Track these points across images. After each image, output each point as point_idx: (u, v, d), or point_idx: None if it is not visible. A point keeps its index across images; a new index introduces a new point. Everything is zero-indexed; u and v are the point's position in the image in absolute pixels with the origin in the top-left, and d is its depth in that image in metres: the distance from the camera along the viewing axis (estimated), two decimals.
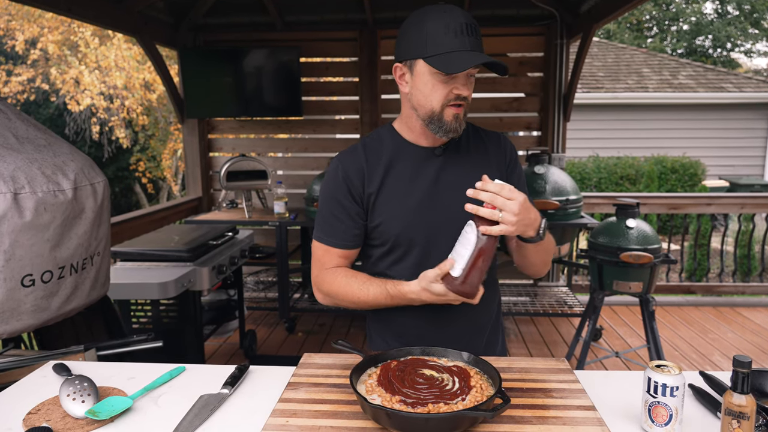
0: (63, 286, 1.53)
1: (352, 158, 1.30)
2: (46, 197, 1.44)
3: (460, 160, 1.30)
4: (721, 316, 4.17)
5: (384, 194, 1.27)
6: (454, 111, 1.20)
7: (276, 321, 4.15)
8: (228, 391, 1.09)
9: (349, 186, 1.28)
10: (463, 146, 1.32)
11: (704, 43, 19.25)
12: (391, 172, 1.28)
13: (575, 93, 4.17)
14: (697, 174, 8.49)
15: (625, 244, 2.82)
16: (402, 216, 1.26)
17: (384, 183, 1.27)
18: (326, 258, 1.32)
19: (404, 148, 1.30)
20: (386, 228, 1.28)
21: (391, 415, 0.85)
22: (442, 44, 1.14)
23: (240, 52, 4.19)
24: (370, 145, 1.32)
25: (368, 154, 1.30)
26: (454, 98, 1.18)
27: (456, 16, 1.16)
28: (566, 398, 1.01)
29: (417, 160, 1.29)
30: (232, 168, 3.85)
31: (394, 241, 1.28)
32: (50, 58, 9.02)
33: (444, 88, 1.18)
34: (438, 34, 1.15)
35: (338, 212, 1.29)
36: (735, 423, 0.84)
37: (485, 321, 1.37)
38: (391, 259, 1.31)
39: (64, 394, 1.03)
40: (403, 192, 1.27)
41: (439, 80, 1.17)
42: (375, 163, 1.29)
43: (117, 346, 1.77)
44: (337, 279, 1.29)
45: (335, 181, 1.30)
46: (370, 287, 1.24)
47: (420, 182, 1.27)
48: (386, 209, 1.27)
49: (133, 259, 2.58)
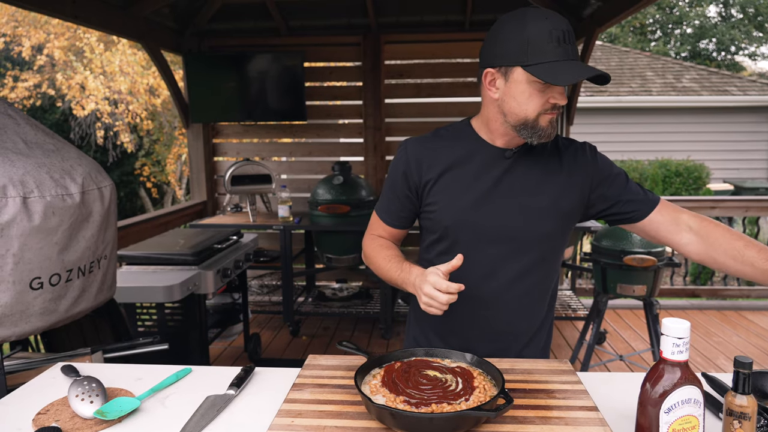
0: (71, 289, 1.55)
1: (417, 145, 1.32)
2: (54, 201, 1.46)
3: (529, 165, 1.28)
4: (726, 319, 4.16)
5: (442, 182, 1.28)
6: (549, 117, 1.18)
7: (280, 324, 4.17)
8: (234, 392, 1.10)
9: (407, 171, 1.31)
10: (536, 151, 1.29)
11: (708, 46, 19.23)
12: (456, 164, 1.28)
13: (578, 97, 4.18)
14: (701, 177, 8.48)
15: (629, 247, 2.82)
16: (457, 207, 1.27)
17: (445, 172, 1.28)
18: (375, 226, 1.42)
19: (476, 144, 1.29)
20: (438, 215, 1.29)
21: (396, 415, 0.86)
22: (546, 53, 1.10)
23: (244, 57, 4.22)
24: (442, 135, 1.33)
25: (435, 143, 1.31)
26: (551, 107, 1.17)
27: (557, 23, 1.12)
28: (569, 399, 1.02)
29: (486, 158, 1.28)
30: (237, 172, 3.88)
31: (442, 232, 1.30)
32: (56, 64, 9.09)
33: (541, 97, 1.15)
34: (541, 42, 1.11)
35: (392, 192, 1.35)
36: (736, 423, 0.84)
37: (524, 328, 1.35)
38: (439, 249, 1.33)
39: (72, 394, 1.04)
40: (463, 186, 1.27)
41: (537, 89, 1.14)
42: (439, 153, 1.29)
43: (123, 348, 1.79)
44: (374, 244, 1.38)
45: (396, 164, 1.34)
46: (391, 261, 1.28)
47: (482, 180, 1.26)
48: (442, 197, 1.28)
49: (138, 262, 2.60)
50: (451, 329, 1.34)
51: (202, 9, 4.16)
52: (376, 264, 1.35)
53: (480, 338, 1.32)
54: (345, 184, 3.61)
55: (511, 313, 1.31)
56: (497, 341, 1.32)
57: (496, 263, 1.27)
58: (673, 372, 0.82)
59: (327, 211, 3.56)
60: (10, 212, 1.30)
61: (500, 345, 1.31)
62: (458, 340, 1.33)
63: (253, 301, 4.22)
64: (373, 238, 1.41)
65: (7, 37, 9.09)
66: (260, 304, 4.21)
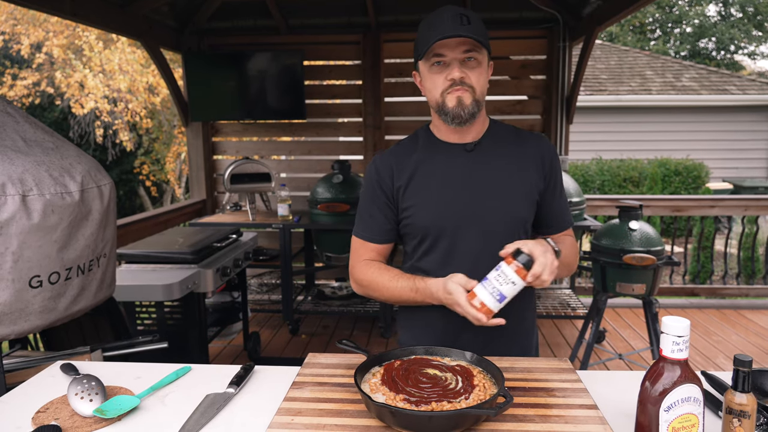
0: (70, 287, 1.55)
1: (383, 157, 1.39)
2: (53, 199, 1.46)
3: (493, 155, 1.32)
4: (725, 318, 4.16)
5: (413, 187, 1.32)
6: (456, 95, 1.24)
7: (280, 323, 4.17)
8: (234, 390, 1.10)
9: (380, 181, 1.35)
10: (498, 143, 1.34)
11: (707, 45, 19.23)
12: (422, 167, 1.33)
13: (578, 95, 4.18)
14: (700, 176, 8.48)
15: (628, 246, 2.82)
16: (430, 206, 1.30)
17: (413, 176, 1.33)
18: (361, 250, 1.41)
19: (436, 144, 1.36)
20: (415, 219, 1.32)
21: (396, 413, 0.86)
22: (428, 40, 1.21)
23: (244, 56, 4.22)
24: (404, 143, 1.40)
25: (399, 152, 1.38)
26: (450, 84, 1.23)
27: (440, 12, 1.22)
28: (568, 397, 1.02)
29: (448, 155, 1.33)
30: (236, 171, 3.87)
31: (423, 232, 1.32)
32: (55, 62, 9.08)
33: (439, 77, 1.25)
34: (422, 33, 1.24)
35: (371, 208, 1.38)
36: (736, 422, 0.84)
37: (516, 328, 1.36)
38: (422, 250, 1.35)
39: (72, 392, 1.04)
40: (433, 185, 1.31)
41: (435, 72, 1.25)
42: (405, 159, 1.35)
43: (123, 347, 1.79)
44: (369, 270, 1.36)
45: (368, 180, 1.39)
46: (399, 280, 1.30)
47: (450, 176, 1.31)
48: (415, 200, 1.32)
49: (137, 261, 2.60)
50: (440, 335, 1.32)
51: (202, 7, 4.16)
52: (381, 288, 1.33)
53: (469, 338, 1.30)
54: (344, 182, 3.61)
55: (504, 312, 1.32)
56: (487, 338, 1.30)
57: (479, 254, 1.27)
58: (673, 370, 0.83)
59: (326, 209, 3.56)
60: (9, 210, 1.30)
61: (488, 339, 1.29)
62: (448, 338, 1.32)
63: (253, 300, 4.22)
64: (365, 264, 1.38)
65: (6, 35, 9.07)
66: (260, 303, 4.21)
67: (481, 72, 1.26)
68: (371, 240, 1.38)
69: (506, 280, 1.09)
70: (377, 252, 1.39)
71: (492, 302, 1.09)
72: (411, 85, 4.42)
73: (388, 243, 1.39)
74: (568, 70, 4.21)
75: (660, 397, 0.82)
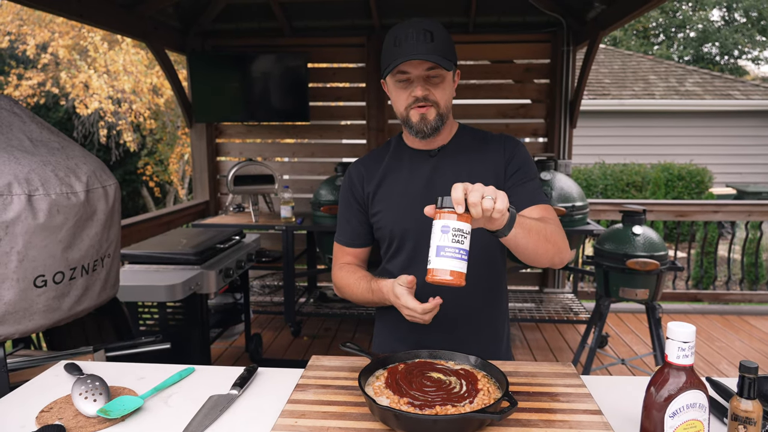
0: (74, 287, 1.55)
1: (356, 166, 1.46)
2: (59, 199, 1.46)
3: (455, 161, 1.36)
4: (728, 324, 4.15)
5: (381, 192, 1.39)
6: (419, 112, 1.27)
7: (282, 325, 4.16)
8: (237, 392, 1.10)
9: (352, 188, 1.43)
10: (461, 148, 1.38)
11: (711, 50, 19.21)
12: (389, 174, 1.40)
13: (581, 100, 4.18)
14: (703, 181, 8.46)
15: (632, 250, 2.82)
16: (396, 211, 1.35)
17: (382, 182, 1.39)
18: (339, 255, 1.47)
19: (404, 151, 1.42)
20: (382, 223, 1.38)
21: (400, 417, 0.86)
22: (390, 55, 1.24)
23: (248, 58, 4.23)
24: (376, 151, 1.48)
25: (370, 160, 1.45)
26: (414, 101, 1.27)
27: (404, 27, 1.24)
28: (572, 402, 1.02)
29: (414, 161, 1.38)
30: (240, 172, 3.88)
31: (390, 235, 1.37)
32: (60, 63, 9.11)
33: (403, 93, 1.28)
34: (388, 48, 1.26)
35: (347, 213, 1.45)
36: (741, 429, 0.84)
37: (487, 330, 1.39)
38: (390, 253, 1.40)
39: (76, 392, 1.04)
40: (399, 190, 1.37)
41: (400, 87, 1.28)
42: (374, 166, 1.42)
43: (126, 347, 1.79)
44: (341, 273, 1.42)
45: (343, 187, 1.47)
46: (361, 282, 1.34)
47: (415, 181, 1.36)
48: (383, 205, 1.38)
49: (141, 261, 2.60)
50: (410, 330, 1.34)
51: (206, 9, 4.17)
52: (349, 292, 1.38)
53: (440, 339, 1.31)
54: None
55: (467, 308, 1.34)
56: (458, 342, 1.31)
57: None
58: (678, 376, 0.82)
59: (329, 212, 3.56)
60: (15, 210, 1.31)
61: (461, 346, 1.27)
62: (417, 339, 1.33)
63: (255, 302, 4.22)
64: (340, 267, 1.44)
65: (12, 35, 9.10)
66: (262, 305, 4.21)
67: (445, 87, 1.29)
68: (348, 244, 1.45)
69: (463, 234, 0.97)
70: (354, 256, 1.46)
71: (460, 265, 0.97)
72: None
73: (364, 247, 1.46)
74: (572, 75, 4.21)
75: (665, 403, 0.82)
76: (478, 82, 4.34)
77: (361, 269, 1.42)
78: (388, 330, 1.44)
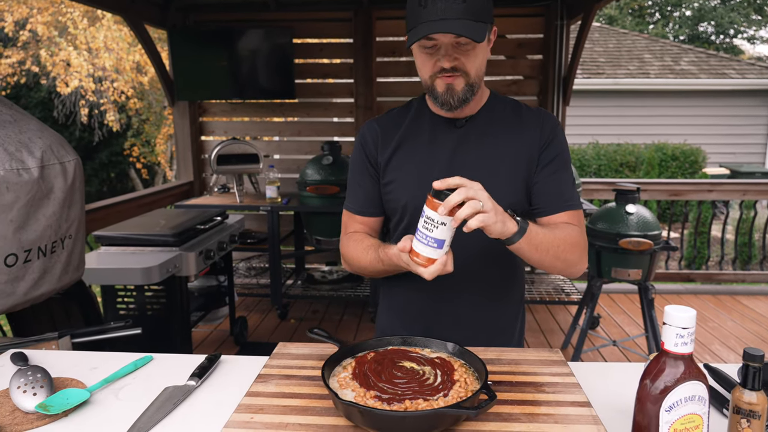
0: (30, 271, 1.45)
1: (371, 125, 1.30)
2: (8, 176, 1.35)
3: (484, 134, 1.22)
4: (721, 304, 4.10)
5: (396, 159, 1.24)
6: (445, 82, 1.12)
7: (268, 308, 4.08)
8: (195, 382, 1.01)
9: (366, 151, 1.28)
10: (492, 122, 1.23)
11: (707, 29, 19.02)
12: (408, 139, 1.25)
13: (575, 76, 4.06)
14: (697, 161, 8.40)
15: (625, 230, 2.74)
16: (411, 183, 1.21)
17: (398, 148, 1.25)
18: (349, 223, 1.33)
19: (427, 117, 1.26)
20: (394, 194, 1.24)
21: (364, 413, 0.77)
22: (415, 17, 1.08)
23: (231, 33, 4.07)
24: (395, 112, 1.31)
25: (388, 121, 1.29)
26: (440, 70, 1.12)
27: None
28: (559, 393, 0.93)
29: (437, 129, 1.24)
30: (223, 151, 3.75)
31: (401, 212, 1.24)
32: (40, 40, 8.85)
33: (429, 60, 1.13)
34: (413, 7, 1.09)
35: (359, 178, 1.30)
36: (744, 422, 0.76)
37: (495, 303, 1.27)
38: (400, 229, 1.27)
39: (14, 386, 0.95)
40: (417, 160, 1.23)
41: (424, 53, 1.13)
42: (392, 129, 1.27)
43: (93, 333, 1.69)
44: (350, 243, 1.28)
45: (356, 148, 1.30)
46: (369, 252, 1.20)
47: (436, 153, 1.22)
48: (396, 175, 1.24)
49: (116, 243, 2.50)
50: (416, 317, 1.27)
51: None
52: (358, 265, 1.25)
53: (447, 325, 1.23)
54: (335, 164, 3.49)
55: (479, 295, 1.24)
56: (466, 328, 1.23)
57: (460, 241, 1.13)
58: (676, 366, 0.74)
59: (316, 191, 3.45)
60: None
61: (468, 333, 1.22)
62: (424, 329, 1.23)
63: (241, 284, 4.13)
64: (348, 236, 1.30)
65: None
66: (248, 287, 4.12)
67: (477, 53, 1.12)
68: (359, 212, 1.30)
69: (432, 223, 0.96)
70: (366, 225, 1.31)
71: (428, 251, 0.97)
72: (404, 65, 4.29)
73: (378, 216, 1.30)
74: (566, 50, 4.09)
75: (661, 396, 0.73)
76: None
77: (369, 237, 1.27)
78: (391, 304, 1.35)
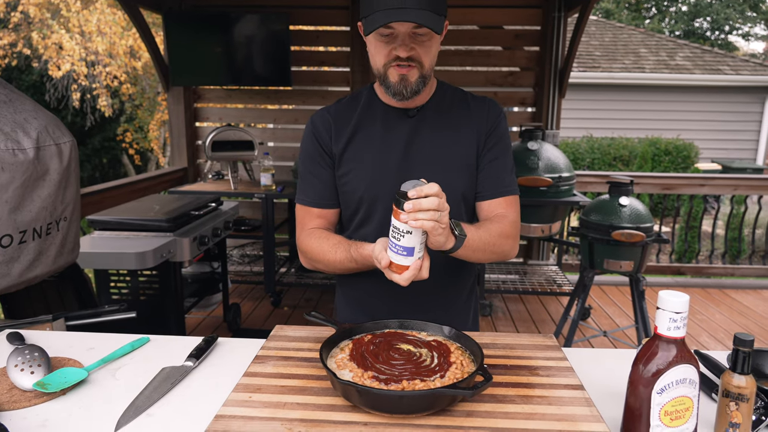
0: (25, 252, 1.44)
1: (322, 115, 1.27)
2: (4, 156, 1.34)
3: (436, 123, 1.23)
4: (710, 297, 4.15)
5: (351, 150, 1.23)
6: (398, 72, 1.12)
7: (262, 295, 4.09)
8: (192, 363, 1.02)
9: (320, 141, 1.25)
10: (442, 109, 1.24)
11: (702, 25, 19.05)
12: (361, 129, 1.24)
13: (571, 69, 4.06)
14: (690, 156, 8.45)
15: (618, 222, 2.76)
16: (366, 174, 1.21)
17: (352, 140, 1.24)
18: (306, 219, 1.28)
19: (378, 107, 1.25)
20: (349, 186, 1.23)
21: (362, 392, 0.78)
22: (371, 2, 1.07)
23: (228, 18, 4.03)
24: (345, 102, 1.29)
25: (339, 112, 1.27)
26: (395, 59, 1.11)
27: None
28: (553, 376, 0.95)
29: (389, 120, 1.23)
30: (218, 138, 3.73)
31: (358, 201, 1.23)
32: (32, 22, 8.72)
33: (384, 48, 1.12)
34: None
35: (312, 169, 1.27)
36: (733, 405, 0.78)
37: (453, 296, 1.32)
38: (357, 221, 1.27)
39: (11, 364, 0.95)
40: (372, 150, 1.22)
41: (380, 40, 1.11)
42: (345, 118, 1.25)
43: (87, 316, 1.69)
44: (311, 240, 1.24)
45: (307, 139, 1.28)
46: (338, 249, 1.19)
47: (391, 142, 1.22)
48: (351, 166, 1.23)
49: (110, 228, 2.49)
50: (377, 304, 1.27)
51: None
52: (324, 261, 1.21)
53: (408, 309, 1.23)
54: None
55: (437, 279, 1.22)
56: (425, 312, 1.23)
57: None
58: (668, 349, 0.75)
59: None
60: None
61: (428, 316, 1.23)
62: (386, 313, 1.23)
63: (235, 271, 4.12)
64: (308, 232, 1.26)
65: None
66: (241, 274, 4.12)
67: (432, 45, 1.13)
68: (316, 204, 1.27)
69: (399, 232, 0.98)
70: (324, 218, 1.28)
71: (399, 258, 0.99)
72: None
73: (336, 207, 1.28)
74: (563, 42, 4.09)
75: (653, 378, 0.75)
76: (465, 48, 4.19)
77: (334, 234, 1.25)
78: (351, 297, 1.35)
